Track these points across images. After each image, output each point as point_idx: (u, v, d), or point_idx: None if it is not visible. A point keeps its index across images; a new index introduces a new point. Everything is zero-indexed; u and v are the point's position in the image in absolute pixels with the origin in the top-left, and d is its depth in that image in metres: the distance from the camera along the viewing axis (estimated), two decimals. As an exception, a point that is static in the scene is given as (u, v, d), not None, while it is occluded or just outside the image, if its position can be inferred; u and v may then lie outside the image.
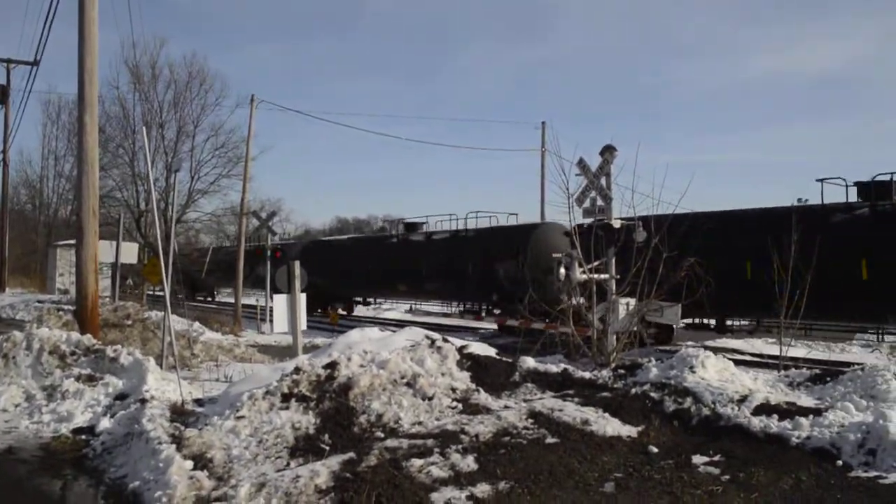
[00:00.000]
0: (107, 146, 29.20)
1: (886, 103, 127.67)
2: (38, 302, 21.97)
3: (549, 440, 6.28)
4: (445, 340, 8.66)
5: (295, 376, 7.26)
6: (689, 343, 13.18)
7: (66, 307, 16.60)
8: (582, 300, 10.97)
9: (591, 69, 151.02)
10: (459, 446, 5.95)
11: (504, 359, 8.99)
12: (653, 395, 7.51)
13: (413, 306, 34.16)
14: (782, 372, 8.91)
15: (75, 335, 10.63)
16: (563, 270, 11.13)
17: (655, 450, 6.17)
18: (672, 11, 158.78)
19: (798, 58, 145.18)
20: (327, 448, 6.10)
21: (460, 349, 8.64)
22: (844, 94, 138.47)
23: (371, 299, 32.79)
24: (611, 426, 6.71)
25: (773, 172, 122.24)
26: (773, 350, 12.59)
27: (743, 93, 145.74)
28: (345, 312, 29.21)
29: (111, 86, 30.73)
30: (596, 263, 11.20)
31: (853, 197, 14.83)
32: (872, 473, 5.51)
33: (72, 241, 22.31)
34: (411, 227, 28.02)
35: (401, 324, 25.36)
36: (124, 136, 31.09)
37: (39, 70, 35.74)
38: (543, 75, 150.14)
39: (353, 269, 27.93)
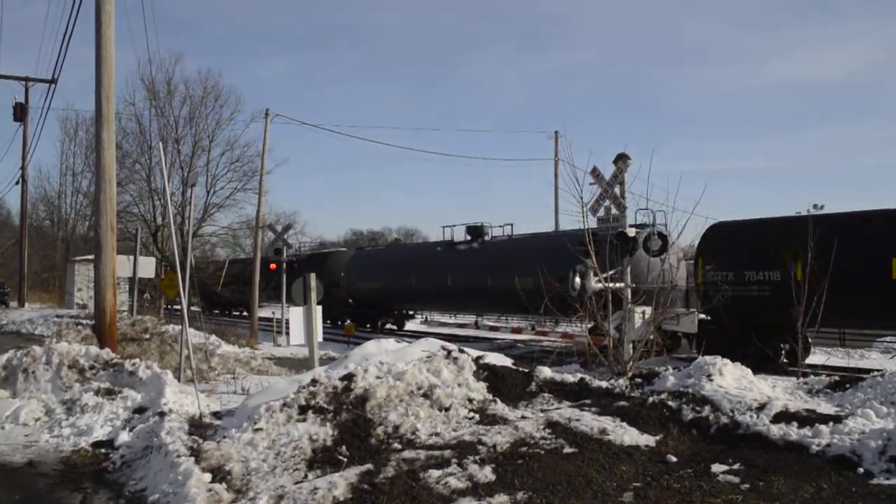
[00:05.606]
0: (124, 162, 29.46)
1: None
2: (57, 317, 22.27)
3: (567, 450, 6.26)
4: (461, 351, 8.65)
5: (312, 388, 7.29)
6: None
7: (84, 322, 16.77)
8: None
9: (601, 77, 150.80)
10: (477, 457, 5.95)
11: (520, 369, 8.98)
12: (670, 403, 7.47)
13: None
14: (801, 379, 8.83)
15: (94, 349, 10.73)
16: (577, 279, 11.07)
17: (674, 459, 6.13)
18: (682, 19, 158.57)
19: (812, 63, 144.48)
20: (345, 460, 6.12)
21: (476, 360, 8.63)
22: (860, 99, 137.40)
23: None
24: (629, 435, 6.68)
25: (784, 179, 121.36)
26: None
27: (755, 99, 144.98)
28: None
29: (128, 102, 31.00)
30: (611, 272, 11.16)
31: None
32: (894, 481, 5.45)
33: (90, 257, 22.56)
34: (277, 251, 35.93)
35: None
36: (141, 151, 31.34)
37: (57, 88, 36.31)
38: (555, 85, 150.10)
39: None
